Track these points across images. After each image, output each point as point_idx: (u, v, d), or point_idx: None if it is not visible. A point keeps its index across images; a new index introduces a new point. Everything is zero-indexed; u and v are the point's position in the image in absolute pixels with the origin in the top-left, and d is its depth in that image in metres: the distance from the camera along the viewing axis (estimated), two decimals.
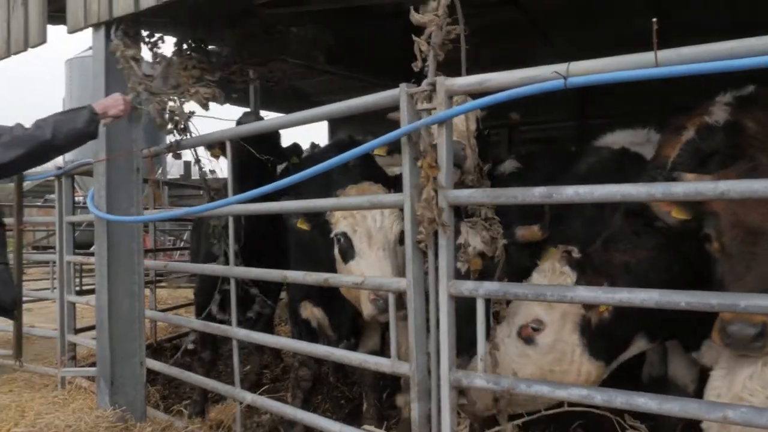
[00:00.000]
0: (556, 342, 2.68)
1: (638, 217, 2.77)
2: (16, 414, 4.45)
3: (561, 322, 2.68)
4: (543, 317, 2.70)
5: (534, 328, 2.74)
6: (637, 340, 2.87)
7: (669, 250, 2.70)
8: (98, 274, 4.00)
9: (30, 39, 4.41)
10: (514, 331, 2.76)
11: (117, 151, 3.95)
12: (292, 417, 3.31)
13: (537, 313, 2.72)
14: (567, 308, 2.66)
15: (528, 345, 2.72)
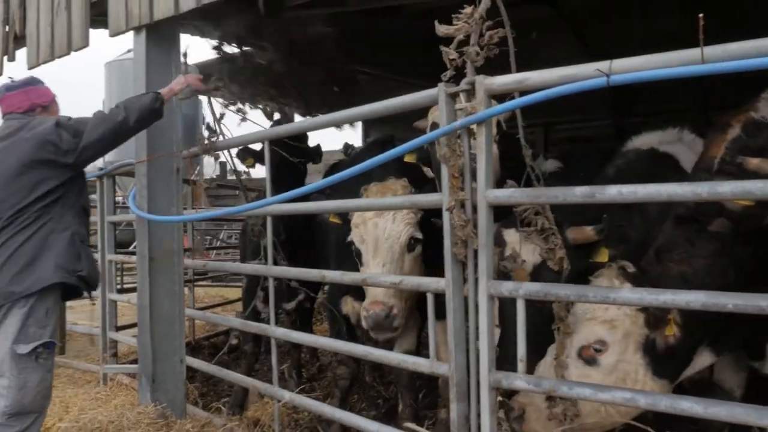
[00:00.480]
0: (619, 362, 2.61)
1: (691, 223, 2.68)
2: (60, 409, 4.56)
3: (624, 343, 2.61)
4: (605, 338, 2.63)
5: (596, 349, 2.67)
6: (703, 355, 2.78)
7: (724, 256, 2.62)
8: (140, 273, 4.07)
9: (73, 42, 4.51)
10: (574, 351, 2.70)
11: (157, 152, 4.01)
12: (330, 416, 3.33)
13: (599, 334, 2.65)
14: (630, 328, 2.59)
15: (590, 366, 2.66)
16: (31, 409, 3.12)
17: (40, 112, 3.45)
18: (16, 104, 3.42)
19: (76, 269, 3.21)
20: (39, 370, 3.12)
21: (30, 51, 4.98)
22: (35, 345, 3.06)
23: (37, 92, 3.50)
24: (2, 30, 5.35)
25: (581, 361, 2.69)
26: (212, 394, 5.27)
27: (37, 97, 3.48)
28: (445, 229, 2.69)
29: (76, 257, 3.22)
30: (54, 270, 3.12)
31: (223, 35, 7.01)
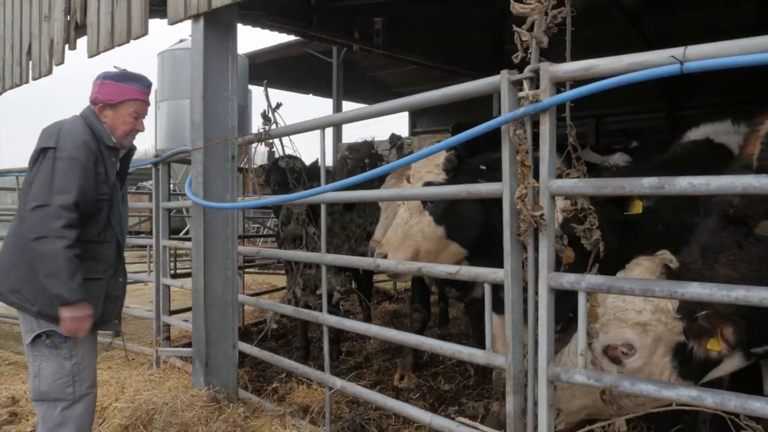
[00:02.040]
0: (645, 365, 2.54)
1: (740, 225, 2.58)
2: (117, 389, 4.68)
3: (653, 347, 2.53)
4: (635, 342, 2.55)
5: (624, 352, 2.60)
6: (734, 358, 2.66)
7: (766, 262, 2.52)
8: (195, 259, 4.13)
9: (132, 31, 4.59)
10: (600, 346, 2.63)
11: (213, 140, 4.06)
12: (381, 405, 3.32)
13: (629, 338, 2.56)
14: (663, 334, 2.51)
15: (614, 364, 2.60)
16: (55, 397, 3.05)
17: (101, 109, 3.22)
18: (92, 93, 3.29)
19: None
20: (53, 358, 3.05)
21: (90, 39, 5.10)
22: (36, 333, 3.04)
23: (107, 87, 3.24)
24: (64, 19, 5.49)
25: (606, 358, 2.63)
26: (261, 379, 5.34)
27: (103, 92, 3.23)
28: (505, 219, 2.65)
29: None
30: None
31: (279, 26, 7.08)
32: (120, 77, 3.28)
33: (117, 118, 3.21)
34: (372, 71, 14.20)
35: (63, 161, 2.99)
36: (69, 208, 2.92)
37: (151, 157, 5.95)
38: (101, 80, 3.26)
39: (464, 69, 10.28)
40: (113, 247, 3.23)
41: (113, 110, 3.21)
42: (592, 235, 2.76)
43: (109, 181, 3.16)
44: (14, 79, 6.33)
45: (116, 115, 3.21)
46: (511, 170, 2.63)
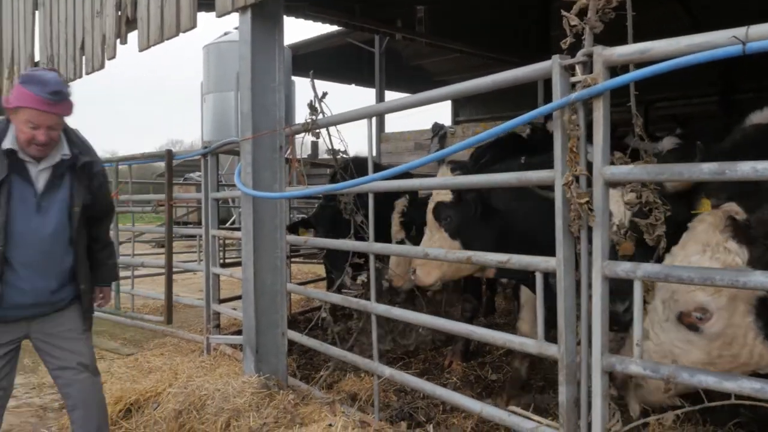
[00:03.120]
0: (726, 328, 2.45)
1: None
2: (170, 375, 4.79)
3: (730, 308, 2.42)
4: (708, 305, 2.46)
5: (698, 317, 2.51)
6: None
7: None
8: (244, 248, 4.19)
9: (181, 24, 4.66)
10: (673, 315, 2.56)
11: (261, 130, 4.10)
12: (430, 393, 3.33)
13: (700, 301, 2.47)
14: (737, 291, 2.43)
15: (692, 331, 2.51)
16: None
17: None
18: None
19: None
20: None
21: (141, 34, 5.20)
22: None
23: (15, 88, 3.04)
24: (115, 14, 5.61)
25: (683, 326, 2.53)
26: (308, 366, 5.40)
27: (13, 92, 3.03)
28: (557, 207, 2.61)
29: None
30: None
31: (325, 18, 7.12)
32: (25, 79, 3.00)
33: (17, 124, 2.98)
34: (414, 60, 14.16)
35: None
36: None
37: (197, 149, 6.06)
38: (18, 81, 3.04)
39: (508, 56, 10.17)
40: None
41: (15, 115, 2.98)
42: (655, 230, 2.67)
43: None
44: (68, 74, 6.51)
45: (16, 120, 2.98)
46: (563, 156, 2.59)
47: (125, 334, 6.99)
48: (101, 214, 3.45)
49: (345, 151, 4.47)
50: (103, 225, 3.53)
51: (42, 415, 4.59)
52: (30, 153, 3.02)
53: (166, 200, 5.72)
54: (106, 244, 3.56)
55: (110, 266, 3.59)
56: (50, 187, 3.11)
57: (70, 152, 3.15)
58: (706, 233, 2.56)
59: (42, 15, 7.14)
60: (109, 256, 3.57)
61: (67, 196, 3.16)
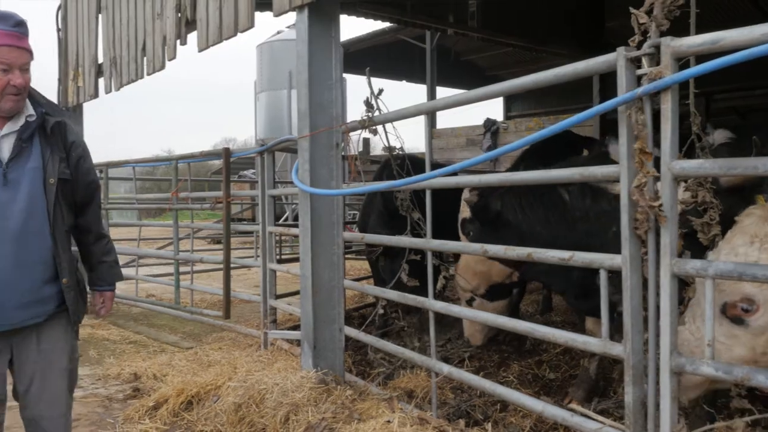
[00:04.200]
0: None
1: None
2: (229, 369, 4.89)
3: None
4: (755, 296, 2.37)
5: (744, 309, 2.42)
6: None
7: None
8: (302, 244, 4.23)
9: (240, 24, 4.74)
10: (717, 307, 2.47)
11: (319, 128, 4.14)
12: (490, 392, 3.30)
13: (747, 292, 2.39)
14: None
15: (736, 325, 2.43)
16: None
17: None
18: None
19: None
20: None
21: (200, 34, 5.31)
22: None
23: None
24: (175, 16, 5.75)
25: (726, 319, 2.45)
26: (363, 362, 5.44)
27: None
28: (622, 204, 2.55)
29: None
30: None
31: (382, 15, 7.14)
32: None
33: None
34: (465, 55, 14.06)
35: None
36: None
37: (251, 146, 6.15)
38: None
39: (562, 49, 10.00)
40: None
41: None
42: (710, 230, 2.60)
43: None
44: (130, 75, 6.70)
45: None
46: (629, 152, 2.52)
47: (184, 328, 7.17)
48: (85, 197, 2.82)
49: (401, 148, 4.47)
50: (90, 211, 2.87)
51: (108, 405, 4.74)
52: (3, 109, 2.52)
53: (224, 197, 5.82)
54: (99, 236, 2.91)
55: (109, 264, 2.95)
56: (17, 154, 2.55)
57: (35, 112, 2.62)
58: (755, 225, 2.49)
59: (105, 18, 7.38)
60: (105, 252, 2.93)
61: (40, 165, 2.59)
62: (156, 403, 4.48)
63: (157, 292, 8.97)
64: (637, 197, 2.41)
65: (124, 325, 7.32)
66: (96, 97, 7.83)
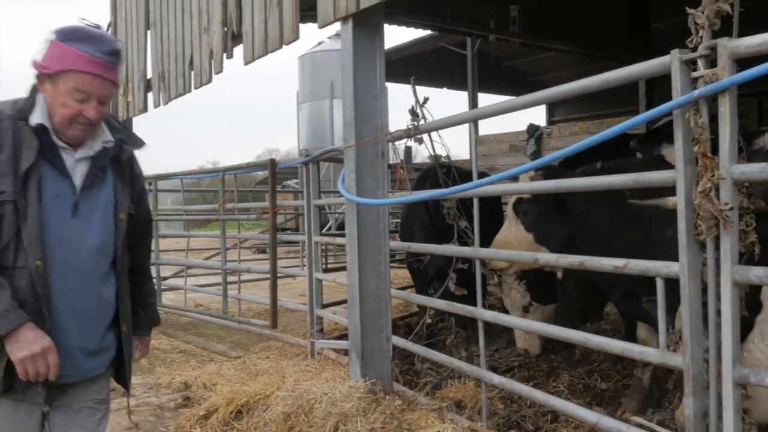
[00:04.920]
0: None
1: None
2: (278, 378, 4.92)
3: None
4: None
5: None
6: None
7: None
8: (349, 254, 4.25)
9: (285, 37, 4.80)
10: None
11: (364, 137, 4.15)
12: (542, 402, 3.24)
13: None
14: None
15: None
16: None
17: (40, 79, 2.23)
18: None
19: None
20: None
21: (246, 47, 5.40)
22: None
23: (51, 49, 2.20)
24: (221, 30, 5.86)
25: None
26: (410, 372, 5.41)
27: (46, 55, 2.21)
28: (679, 209, 2.48)
29: None
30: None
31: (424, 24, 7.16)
32: (69, 35, 2.18)
33: (56, 96, 2.18)
34: (507, 60, 13.95)
35: None
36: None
37: (294, 156, 6.22)
38: (52, 37, 2.19)
39: (606, 52, 9.84)
40: (26, 278, 2.11)
41: (52, 83, 2.18)
42: (747, 237, 2.50)
43: (16, 175, 2.10)
44: (178, 89, 6.85)
45: (54, 91, 2.18)
46: (685, 157, 2.46)
47: (232, 337, 7.26)
48: (141, 233, 2.58)
49: (447, 156, 4.45)
50: (143, 249, 2.64)
51: (160, 414, 4.82)
52: (68, 135, 2.22)
53: (270, 208, 5.89)
54: (149, 275, 2.68)
55: (154, 307, 2.70)
56: (90, 184, 2.28)
57: (113, 138, 2.36)
58: None
59: (153, 34, 7.57)
60: (152, 294, 2.69)
61: (112, 198, 2.34)
62: (207, 412, 4.54)
63: (205, 302, 9.11)
64: (700, 201, 2.34)
65: (173, 335, 7.45)
66: (145, 111, 8.04)
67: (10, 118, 2.15)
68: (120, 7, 8.58)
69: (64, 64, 2.15)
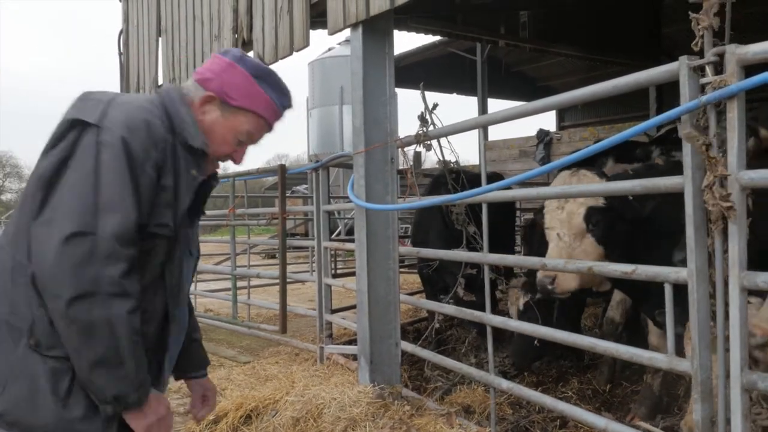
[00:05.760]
0: None
1: None
2: (287, 383, 4.94)
3: None
4: None
5: None
6: None
7: None
8: (358, 259, 4.27)
9: (295, 43, 4.84)
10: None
11: (373, 143, 4.17)
12: (551, 408, 3.24)
13: None
14: None
15: None
16: None
17: (206, 100, 1.97)
18: (206, 71, 2.01)
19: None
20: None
21: (256, 54, 5.43)
22: None
23: (239, 77, 1.97)
24: (232, 37, 5.91)
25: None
26: (419, 377, 5.42)
27: (229, 80, 1.96)
28: (687, 214, 2.48)
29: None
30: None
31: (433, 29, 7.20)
32: (262, 74, 2.01)
33: (221, 127, 1.99)
34: (516, 66, 13.96)
35: (110, 149, 1.71)
36: (127, 240, 1.69)
37: (303, 162, 6.25)
38: (235, 61, 1.98)
39: (616, 57, 9.84)
40: (155, 325, 1.88)
41: (224, 113, 1.98)
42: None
43: (178, 207, 1.86)
44: None
45: (224, 123, 1.99)
46: (693, 162, 2.46)
47: (242, 342, 7.28)
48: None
49: (456, 162, 4.46)
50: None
51: None
52: (205, 168, 2.02)
53: (280, 213, 5.92)
54: (191, 307, 2.27)
55: (200, 342, 2.35)
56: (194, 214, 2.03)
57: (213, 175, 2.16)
58: None
59: (165, 41, 7.64)
60: (197, 327, 2.32)
61: (198, 228, 2.17)
62: (216, 417, 4.55)
63: (215, 307, 9.14)
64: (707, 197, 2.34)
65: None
66: None
67: (166, 140, 1.83)
68: (132, 14, 8.67)
69: (252, 104, 1.99)
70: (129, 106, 1.82)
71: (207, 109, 1.98)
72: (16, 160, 52.26)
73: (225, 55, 2.02)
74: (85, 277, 1.61)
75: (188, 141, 1.90)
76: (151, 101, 1.92)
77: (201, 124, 1.96)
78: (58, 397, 1.70)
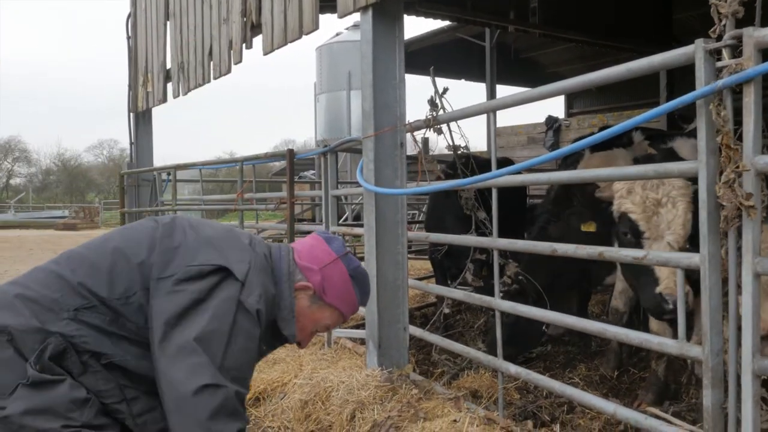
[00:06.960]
0: None
1: None
2: (295, 367, 4.96)
3: None
4: None
5: None
6: None
7: None
8: (367, 244, 4.26)
9: (304, 27, 4.81)
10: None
11: (383, 128, 4.16)
12: (559, 392, 3.24)
13: None
14: None
15: None
16: None
17: (303, 288, 2.11)
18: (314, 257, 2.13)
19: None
20: None
21: (265, 38, 5.42)
22: None
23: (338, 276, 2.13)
24: (241, 20, 5.88)
25: None
26: (426, 362, 5.43)
27: (330, 278, 2.11)
28: (701, 200, 2.47)
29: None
30: None
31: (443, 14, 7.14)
32: (359, 278, 2.17)
33: (305, 318, 2.11)
34: (525, 52, 13.84)
35: (248, 317, 1.89)
36: (243, 404, 1.91)
37: (310, 147, 6.24)
38: (339, 256, 2.13)
39: (626, 44, 9.75)
40: None
41: (313, 305, 2.11)
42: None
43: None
44: (197, 79, 6.90)
45: (310, 314, 2.11)
46: (708, 147, 2.44)
47: None
48: None
49: (466, 146, 4.45)
50: None
51: None
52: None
53: (288, 198, 5.92)
54: None
55: None
56: None
57: None
58: None
59: (173, 25, 7.61)
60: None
61: None
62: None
63: None
64: (724, 192, 2.32)
65: None
66: (164, 102, 8.09)
67: (259, 323, 1.93)
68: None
69: (342, 306, 2.14)
70: (263, 274, 1.98)
71: (299, 295, 2.09)
72: (25, 145, 52.45)
73: (330, 245, 2.15)
74: (211, 425, 1.75)
75: (281, 329, 2.08)
76: (271, 272, 2.04)
77: (295, 310, 2.09)
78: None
